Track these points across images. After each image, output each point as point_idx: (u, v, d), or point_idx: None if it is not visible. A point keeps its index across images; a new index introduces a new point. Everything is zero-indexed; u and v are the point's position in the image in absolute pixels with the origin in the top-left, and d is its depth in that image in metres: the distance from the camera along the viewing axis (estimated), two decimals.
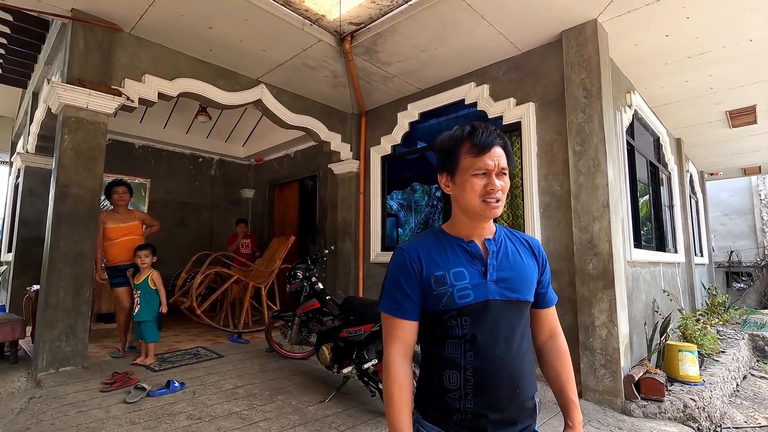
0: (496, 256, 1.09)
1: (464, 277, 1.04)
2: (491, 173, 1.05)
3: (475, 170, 1.05)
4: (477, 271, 1.06)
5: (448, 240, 1.11)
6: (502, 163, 1.06)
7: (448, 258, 1.07)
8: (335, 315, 3.45)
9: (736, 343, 5.30)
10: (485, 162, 1.04)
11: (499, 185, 1.05)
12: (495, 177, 1.05)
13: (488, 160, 1.04)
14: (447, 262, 1.07)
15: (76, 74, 3.52)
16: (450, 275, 1.05)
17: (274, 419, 2.78)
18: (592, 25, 3.57)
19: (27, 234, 5.40)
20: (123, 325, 4.10)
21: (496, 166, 1.05)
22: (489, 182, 1.04)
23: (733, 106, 5.45)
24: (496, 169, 1.05)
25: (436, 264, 1.06)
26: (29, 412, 2.69)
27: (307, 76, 4.73)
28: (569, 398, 1.15)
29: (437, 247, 1.09)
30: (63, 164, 3.45)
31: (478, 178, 1.05)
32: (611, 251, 3.33)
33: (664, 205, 5.77)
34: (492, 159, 1.04)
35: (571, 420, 1.14)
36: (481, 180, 1.05)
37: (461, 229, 1.12)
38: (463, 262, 1.07)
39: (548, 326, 1.20)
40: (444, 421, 1.04)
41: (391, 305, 1.07)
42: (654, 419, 3.07)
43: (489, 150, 1.05)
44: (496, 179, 1.05)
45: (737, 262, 11.20)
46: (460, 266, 1.06)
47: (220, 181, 8.07)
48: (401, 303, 1.06)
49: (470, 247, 1.09)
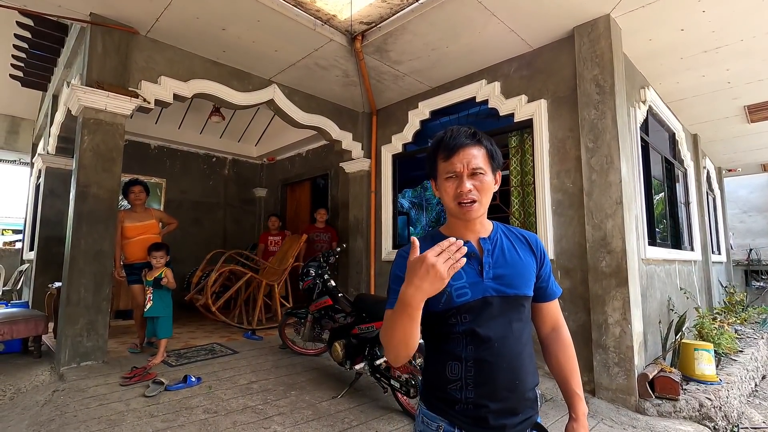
0: (491, 255, 1.10)
1: (461, 277, 1.06)
2: (461, 175, 1.06)
3: (446, 174, 1.08)
4: (474, 271, 1.08)
5: None
6: (474, 163, 1.06)
7: None
8: (347, 312, 3.49)
9: (754, 343, 5.20)
10: (454, 165, 1.06)
11: (470, 186, 1.05)
12: (466, 179, 1.05)
13: (457, 163, 1.06)
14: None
15: (95, 77, 3.62)
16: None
17: (288, 414, 2.83)
18: (604, 20, 3.53)
19: (48, 233, 5.56)
20: (140, 322, 4.20)
21: (465, 167, 1.05)
22: (458, 184, 1.06)
23: (751, 101, 5.33)
24: (466, 170, 1.06)
25: None
26: (53, 405, 2.79)
27: (318, 75, 4.77)
28: (573, 390, 1.17)
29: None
30: (83, 165, 3.55)
31: (449, 181, 1.08)
32: (625, 249, 3.30)
33: (680, 202, 5.67)
34: (460, 161, 1.06)
35: (575, 412, 1.16)
36: (453, 183, 1.07)
37: (455, 231, 1.14)
38: None
39: (551, 319, 1.22)
40: (447, 411, 1.07)
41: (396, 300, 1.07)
42: (669, 418, 3.04)
43: (456, 152, 1.06)
44: (467, 181, 1.05)
45: (756, 260, 10.93)
46: None
47: (234, 181, 8.18)
48: None
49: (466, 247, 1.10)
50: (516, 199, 4.23)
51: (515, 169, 4.26)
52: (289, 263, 5.50)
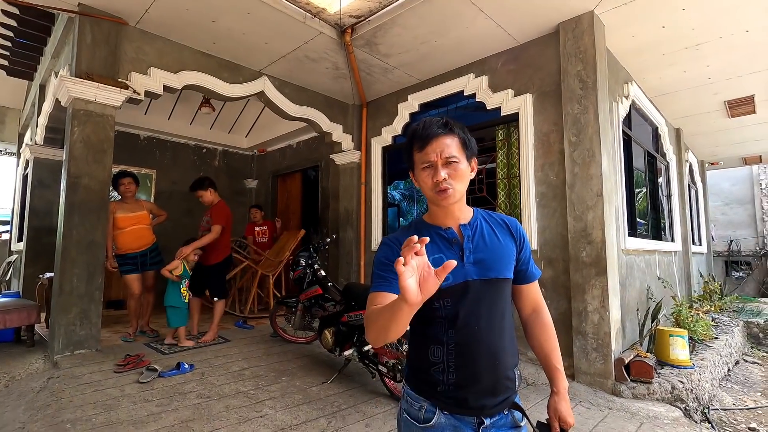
0: (471, 240, 1.15)
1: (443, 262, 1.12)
2: (435, 165, 1.10)
3: (422, 164, 1.12)
4: (455, 256, 1.12)
5: (427, 229, 1.17)
6: (447, 152, 1.10)
7: (428, 246, 1.11)
8: (337, 301, 3.58)
9: (730, 330, 5.42)
10: (428, 155, 1.10)
11: (444, 175, 1.09)
12: (441, 167, 1.09)
13: (431, 153, 1.10)
14: (427, 250, 1.10)
15: (84, 68, 3.62)
16: (430, 262, 1.10)
17: (279, 398, 2.94)
18: (588, 17, 3.62)
19: (38, 224, 5.55)
20: (134, 311, 4.26)
21: (439, 156, 1.09)
22: (434, 173, 1.10)
23: (731, 96, 5.48)
24: (440, 159, 1.09)
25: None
26: (49, 391, 2.86)
27: (308, 68, 4.80)
28: (554, 366, 1.22)
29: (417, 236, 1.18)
30: (73, 156, 3.57)
31: (425, 171, 1.12)
32: (604, 239, 3.43)
33: (662, 195, 5.84)
34: (434, 150, 1.10)
35: (556, 386, 1.21)
36: (428, 172, 1.11)
37: (436, 218, 1.18)
38: (441, 248, 1.14)
39: (531, 300, 1.26)
40: (429, 392, 1.13)
41: (380, 283, 1.11)
42: (642, 400, 3.20)
43: (429, 142, 1.10)
44: (441, 170, 1.09)
45: (737, 251, 11.28)
46: (439, 252, 1.12)
47: (224, 172, 8.18)
48: (390, 281, 1.10)
49: (447, 234, 1.16)
50: (502, 191, 4.34)
51: (501, 162, 4.36)
52: (285, 256, 5.59)
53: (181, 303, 3.93)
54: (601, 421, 2.88)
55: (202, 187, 4.36)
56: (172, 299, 3.89)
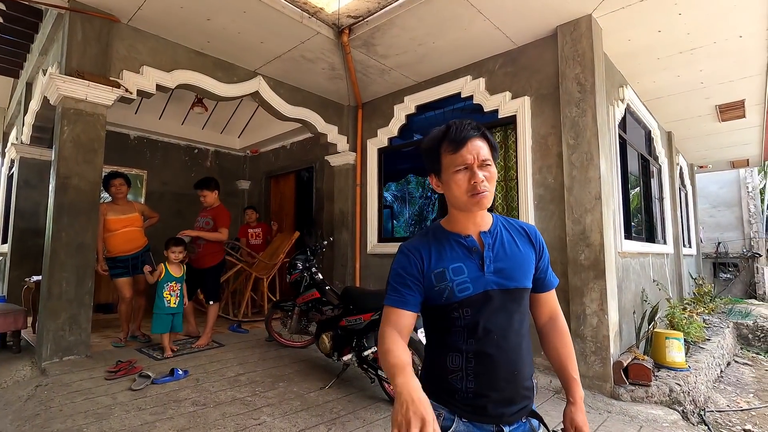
0: (492, 248, 1.12)
1: (463, 272, 1.09)
2: (472, 166, 1.06)
3: (456, 167, 1.08)
4: (475, 265, 1.10)
5: (446, 237, 1.15)
6: (482, 154, 1.07)
7: (447, 254, 1.12)
8: (335, 305, 3.53)
9: (721, 331, 5.48)
10: (464, 157, 1.07)
11: (483, 176, 1.06)
12: (477, 169, 1.06)
13: (466, 155, 1.06)
14: (446, 258, 1.11)
15: (75, 66, 3.52)
16: (449, 271, 1.09)
17: (277, 405, 2.87)
18: (586, 20, 3.63)
19: (24, 225, 5.39)
20: (125, 316, 4.16)
21: (476, 158, 1.06)
22: (472, 176, 1.06)
23: (722, 101, 5.56)
24: (477, 161, 1.06)
25: (436, 261, 1.11)
26: (37, 399, 2.76)
27: (304, 68, 4.75)
28: (570, 375, 1.20)
29: (436, 244, 1.14)
30: (63, 156, 3.47)
31: (460, 173, 1.07)
32: (603, 242, 3.44)
33: (654, 198, 5.90)
34: (470, 152, 1.06)
35: (572, 396, 1.19)
36: (464, 175, 1.07)
37: (457, 225, 1.15)
38: (461, 257, 1.11)
39: (548, 309, 1.25)
40: (447, 399, 1.11)
41: (395, 298, 1.11)
42: (641, 403, 3.20)
43: (465, 144, 1.07)
44: (478, 171, 1.06)
45: (724, 253, 11.47)
46: (459, 261, 1.10)
47: (216, 173, 8.04)
48: (405, 296, 1.10)
49: (467, 242, 1.13)
50: (499, 193, 4.33)
51: (499, 164, 4.36)
52: (280, 258, 5.51)
53: (161, 308, 3.75)
54: (601, 425, 2.87)
55: (208, 187, 4.31)
56: (156, 304, 3.81)
